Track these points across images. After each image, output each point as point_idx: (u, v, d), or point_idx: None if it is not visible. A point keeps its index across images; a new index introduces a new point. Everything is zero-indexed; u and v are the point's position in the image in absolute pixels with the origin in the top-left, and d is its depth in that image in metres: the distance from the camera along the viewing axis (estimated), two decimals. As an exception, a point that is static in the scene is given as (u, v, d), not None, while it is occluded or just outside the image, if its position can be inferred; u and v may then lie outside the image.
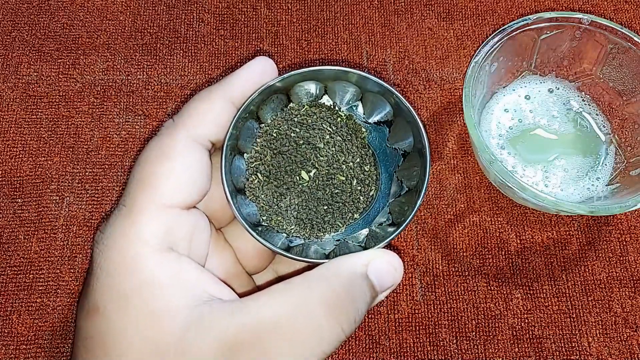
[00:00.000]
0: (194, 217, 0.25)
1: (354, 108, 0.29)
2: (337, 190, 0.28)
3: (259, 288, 0.28)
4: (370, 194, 0.29)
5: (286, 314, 0.22)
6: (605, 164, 0.37)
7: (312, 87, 0.28)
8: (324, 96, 0.29)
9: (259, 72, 0.26)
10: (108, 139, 0.39)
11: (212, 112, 0.25)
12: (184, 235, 0.24)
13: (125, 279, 0.22)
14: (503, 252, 0.36)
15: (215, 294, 0.23)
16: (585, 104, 0.38)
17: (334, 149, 0.28)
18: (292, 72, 0.27)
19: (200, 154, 0.25)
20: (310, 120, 0.29)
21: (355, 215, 0.28)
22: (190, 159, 0.24)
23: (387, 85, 0.27)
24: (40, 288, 0.35)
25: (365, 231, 0.28)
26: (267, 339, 0.21)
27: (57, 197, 0.37)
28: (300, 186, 0.28)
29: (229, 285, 0.25)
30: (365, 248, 0.27)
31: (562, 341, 0.35)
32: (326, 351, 0.22)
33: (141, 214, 0.23)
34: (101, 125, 0.39)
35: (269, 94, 0.27)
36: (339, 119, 0.29)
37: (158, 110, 0.40)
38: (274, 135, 0.28)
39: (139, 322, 0.21)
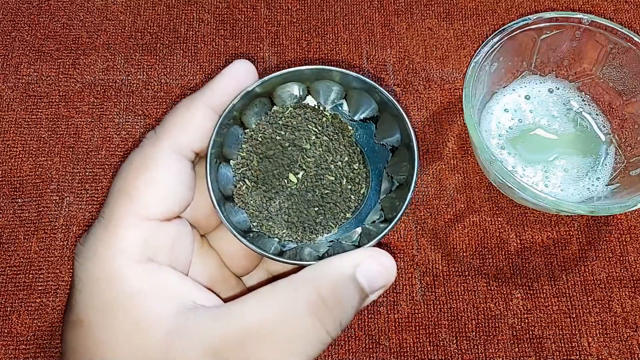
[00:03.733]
0: (175, 226, 0.24)
1: (339, 107, 0.29)
2: (327, 191, 0.28)
3: (250, 289, 0.28)
4: (361, 192, 0.28)
5: (270, 317, 0.21)
6: (605, 164, 0.37)
7: (295, 89, 0.28)
8: (307, 97, 0.29)
9: (239, 77, 0.26)
10: (108, 139, 0.39)
11: (194, 121, 0.25)
12: (165, 245, 0.24)
13: (107, 291, 0.22)
14: (503, 252, 0.36)
15: (198, 300, 0.23)
16: (585, 104, 0.38)
17: (320, 149, 0.28)
18: (273, 75, 0.27)
19: (182, 164, 0.24)
20: (295, 122, 0.28)
21: (348, 215, 0.28)
22: (171, 171, 0.24)
23: (370, 81, 0.27)
24: (40, 288, 0.35)
25: (358, 230, 0.28)
26: (252, 343, 0.21)
27: (57, 197, 0.37)
28: (289, 189, 0.28)
29: (215, 292, 0.25)
30: (359, 247, 0.27)
31: (562, 341, 0.35)
32: (311, 354, 0.22)
33: (119, 225, 0.23)
34: (101, 125, 0.39)
35: (251, 98, 0.27)
36: (324, 119, 0.29)
37: (158, 110, 0.40)
38: (259, 139, 0.28)
39: (123, 333, 0.21)
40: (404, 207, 0.26)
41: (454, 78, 0.41)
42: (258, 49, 0.42)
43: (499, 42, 0.34)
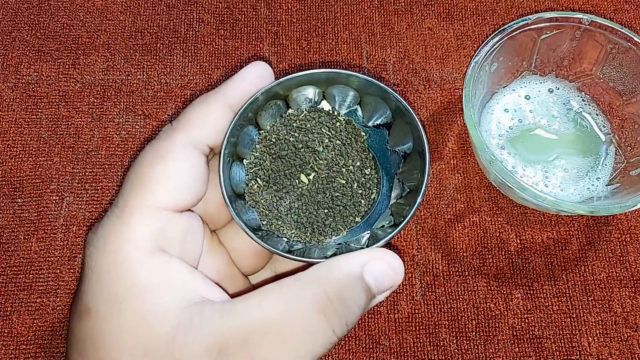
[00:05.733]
0: (187, 219, 0.25)
1: (354, 112, 0.29)
2: (337, 194, 0.28)
3: (255, 287, 0.28)
4: (372, 197, 0.29)
5: (276, 315, 0.21)
6: (605, 164, 0.37)
7: (310, 93, 0.28)
8: (322, 101, 0.29)
9: (257, 77, 0.26)
10: (108, 139, 0.39)
11: (211, 117, 0.25)
12: (176, 237, 0.24)
13: (116, 281, 0.22)
14: (503, 252, 0.36)
15: (206, 295, 0.23)
16: (585, 104, 0.38)
17: (333, 152, 0.28)
18: (290, 76, 0.27)
19: (197, 158, 0.25)
20: (309, 125, 0.29)
21: (357, 219, 0.28)
22: (186, 163, 0.24)
23: (387, 87, 0.27)
24: (40, 288, 0.35)
25: (367, 234, 0.28)
26: (257, 340, 0.21)
27: (57, 197, 0.37)
28: (300, 189, 0.28)
29: (222, 287, 0.25)
30: None
31: (562, 341, 0.35)
32: (317, 353, 0.22)
33: (132, 215, 0.23)
34: (101, 125, 0.39)
35: (267, 99, 0.27)
36: (337, 124, 0.29)
37: (158, 110, 0.40)
38: (273, 140, 0.28)
39: (130, 324, 0.21)
40: (412, 212, 0.26)
41: (454, 78, 0.41)
42: (258, 49, 0.42)
43: (499, 42, 0.34)
